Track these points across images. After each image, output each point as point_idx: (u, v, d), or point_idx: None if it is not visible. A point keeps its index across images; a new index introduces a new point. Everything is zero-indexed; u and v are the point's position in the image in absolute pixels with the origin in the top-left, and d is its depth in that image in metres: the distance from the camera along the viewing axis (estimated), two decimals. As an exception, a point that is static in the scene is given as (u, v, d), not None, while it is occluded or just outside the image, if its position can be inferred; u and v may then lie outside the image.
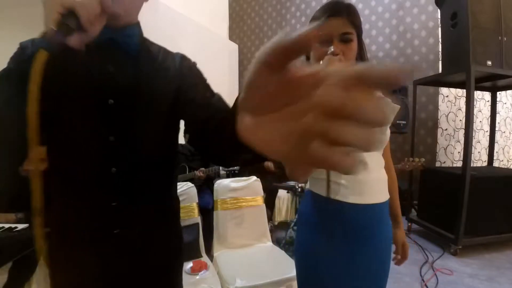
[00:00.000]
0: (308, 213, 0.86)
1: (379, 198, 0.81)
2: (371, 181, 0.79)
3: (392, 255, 0.94)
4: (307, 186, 0.89)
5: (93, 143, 0.58)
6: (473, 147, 3.57)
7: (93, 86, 0.57)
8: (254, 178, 2.01)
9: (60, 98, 0.54)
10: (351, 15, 0.75)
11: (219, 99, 0.62)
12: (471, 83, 2.36)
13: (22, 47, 0.57)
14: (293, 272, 1.34)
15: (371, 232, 0.80)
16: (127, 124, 0.60)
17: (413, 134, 3.15)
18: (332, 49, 0.71)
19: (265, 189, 2.19)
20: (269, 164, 3.14)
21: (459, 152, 3.87)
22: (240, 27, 5.68)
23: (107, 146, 0.58)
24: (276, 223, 2.71)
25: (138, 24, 0.64)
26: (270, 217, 2.77)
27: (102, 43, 0.56)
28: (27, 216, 1.39)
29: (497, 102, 3.38)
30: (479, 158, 3.97)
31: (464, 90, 2.96)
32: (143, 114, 0.60)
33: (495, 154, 3.62)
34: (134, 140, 0.61)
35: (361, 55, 0.81)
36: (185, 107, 0.62)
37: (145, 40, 0.66)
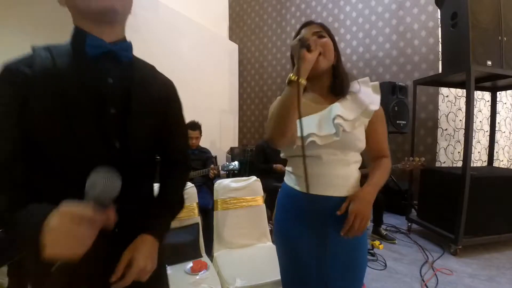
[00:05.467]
0: (281, 198, 1.02)
1: (333, 192, 0.86)
2: (329, 176, 0.86)
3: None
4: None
5: (99, 149, 0.61)
6: (473, 147, 3.57)
7: (97, 96, 0.61)
8: (254, 178, 2.01)
9: (65, 109, 0.57)
10: (321, 24, 0.92)
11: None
12: (471, 83, 2.36)
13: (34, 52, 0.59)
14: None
15: (325, 220, 0.86)
16: (128, 130, 0.64)
17: (413, 134, 3.14)
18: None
19: (265, 189, 2.18)
20: (281, 166, 3.14)
21: (459, 152, 3.87)
22: (240, 27, 5.67)
23: (113, 151, 0.63)
24: (276, 223, 2.70)
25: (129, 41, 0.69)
26: (270, 217, 2.76)
27: (102, 55, 0.62)
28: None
29: (497, 102, 3.38)
30: (479, 158, 3.97)
31: (464, 90, 2.96)
32: (138, 123, 0.66)
33: (495, 154, 3.62)
34: (134, 145, 0.66)
35: (337, 61, 0.92)
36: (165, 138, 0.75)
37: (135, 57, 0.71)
